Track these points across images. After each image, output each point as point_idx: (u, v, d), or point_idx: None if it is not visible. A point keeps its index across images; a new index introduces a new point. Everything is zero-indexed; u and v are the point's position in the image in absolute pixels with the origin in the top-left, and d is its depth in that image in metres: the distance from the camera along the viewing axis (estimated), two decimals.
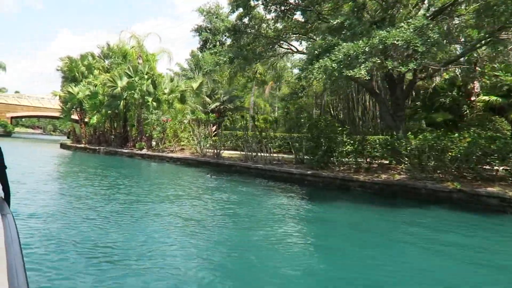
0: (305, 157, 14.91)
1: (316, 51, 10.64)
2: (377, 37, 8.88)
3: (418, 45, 8.58)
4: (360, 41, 9.22)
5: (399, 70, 9.61)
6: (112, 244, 5.38)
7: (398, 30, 9.05)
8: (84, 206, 8.10)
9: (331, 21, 11.26)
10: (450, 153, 10.56)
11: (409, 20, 9.51)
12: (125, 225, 6.61)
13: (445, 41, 11.14)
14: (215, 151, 19.12)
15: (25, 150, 25.62)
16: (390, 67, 9.39)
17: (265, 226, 7.17)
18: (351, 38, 9.98)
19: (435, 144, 10.71)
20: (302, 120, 17.53)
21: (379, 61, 9.16)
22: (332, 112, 35.07)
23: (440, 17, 12.10)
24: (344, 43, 9.54)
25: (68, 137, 73.55)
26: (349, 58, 9.16)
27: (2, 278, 0.68)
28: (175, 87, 23.75)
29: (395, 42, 8.65)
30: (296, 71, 33.38)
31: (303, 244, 6.23)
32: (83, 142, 28.54)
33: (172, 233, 6.25)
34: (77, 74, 28.07)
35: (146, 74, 23.36)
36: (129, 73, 23.38)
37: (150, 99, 22.76)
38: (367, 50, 8.97)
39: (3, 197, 1.35)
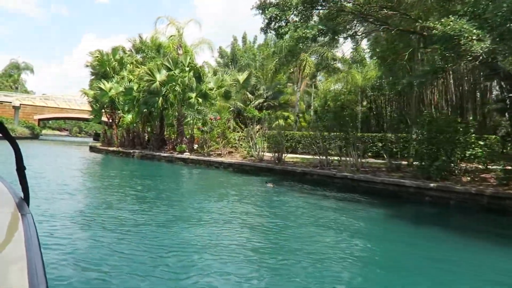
0: (414, 163, 11.32)
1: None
2: None
3: None
4: None
5: None
6: None
7: None
8: (118, 227, 4.96)
9: None
10: None
11: None
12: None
13: None
14: (276, 155, 15.78)
15: (53, 155, 23.10)
16: None
17: None
18: None
19: None
20: (347, 119, 13.91)
21: None
22: (377, 109, 31.34)
23: None
24: None
25: (94, 139, 72.26)
26: None
27: (23, 277, 0.67)
28: (219, 81, 20.55)
29: None
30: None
31: None
32: (115, 144, 25.84)
33: None
34: (108, 69, 25.38)
35: (187, 66, 20.30)
36: (168, 65, 20.39)
37: (193, 94, 19.67)
38: None
39: (22, 197, 1.22)
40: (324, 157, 13.81)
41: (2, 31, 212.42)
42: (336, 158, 13.85)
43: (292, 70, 29.73)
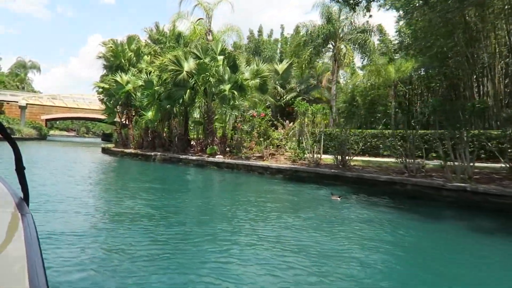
0: None
1: None
2: None
3: None
4: None
5: None
6: None
7: None
8: None
9: None
10: None
11: None
12: None
13: None
14: (338, 157, 12.65)
15: (64, 159, 20.19)
16: None
17: None
18: None
19: None
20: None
21: None
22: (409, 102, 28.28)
23: None
24: None
25: (103, 140, 69.59)
26: None
27: (23, 277, 0.66)
28: (255, 71, 17.44)
29: None
30: None
31: None
32: (132, 146, 22.87)
33: None
34: (123, 61, 22.42)
35: (218, 54, 17.24)
36: (197, 52, 17.33)
37: (226, 86, 16.59)
38: None
39: (22, 197, 1.24)
40: (412, 160, 10.62)
41: (10, 32, 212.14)
42: (422, 161, 10.70)
43: (327, 60, 26.55)
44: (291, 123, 18.77)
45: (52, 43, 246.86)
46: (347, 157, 12.53)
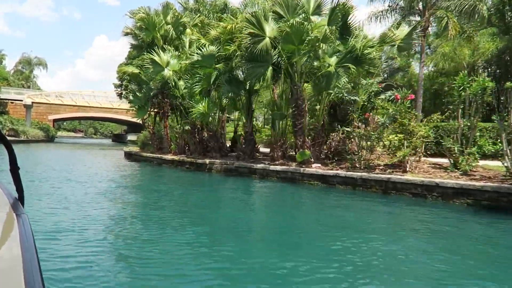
0: None
1: None
2: None
3: None
4: None
5: None
6: None
7: None
8: None
9: None
10: None
11: None
12: None
13: None
14: None
15: (80, 169, 14.47)
16: None
17: None
18: None
19: None
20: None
21: None
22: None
23: None
24: None
25: (113, 140, 64.07)
26: None
27: (19, 278, 0.65)
28: (369, 39, 11.55)
29: None
30: None
31: None
32: (171, 150, 17.07)
33: None
34: (158, 36, 16.62)
35: (312, 13, 11.44)
36: (280, 10, 11.52)
37: (332, 59, 10.78)
38: None
39: (16, 197, 1.22)
40: None
41: (18, 35, 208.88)
42: None
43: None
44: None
45: (58, 45, 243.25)
46: None
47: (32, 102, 48.74)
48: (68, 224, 5.51)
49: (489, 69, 27.38)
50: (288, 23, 10.83)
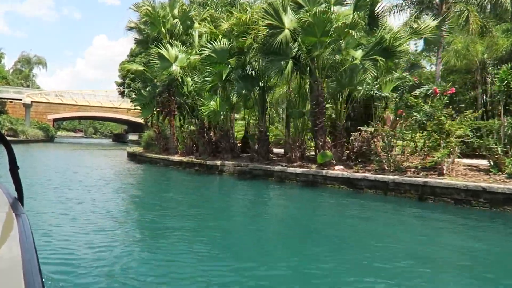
0: None
1: None
2: None
3: None
4: None
5: None
6: None
7: None
8: None
9: None
10: None
11: None
12: None
13: None
14: None
15: (83, 172, 13.57)
16: None
17: None
18: None
19: None
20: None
21: None
22: None
23: None
24: None
25: (114, 140, 63.09)
26: None
27: (18, 277, 0.65)
28: (394, 31, 10.63)
29: None
30: None
31: None
32: (179, 151, 16.16)
33: None
34: (163, 30, 15.70)
35: (334, 3, 10.53)
36: (299, 0, 10.62)
37: (358, 52, 9.88)
38: None
39: (16, 197, 1.22)
40: None
41: (19, 35, 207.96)
42: None
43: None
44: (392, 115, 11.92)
45: (58, 45, 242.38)
46: None
47: (32, 101, 47.84)
48: (75, 235, 4.62)
49: (499, 67, 26.51)
50: (310, 12, 9.92)
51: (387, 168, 9.67)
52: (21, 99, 47.28)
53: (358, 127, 11.27)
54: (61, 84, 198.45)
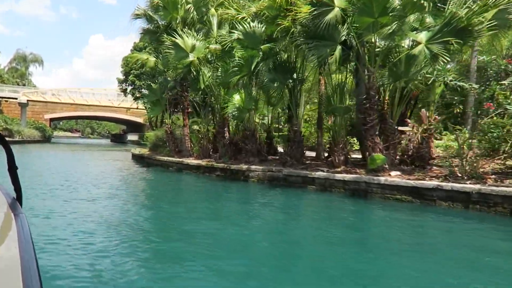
0: None
1: None
2: None
3: None
4: None
5: None
6: None
7: None
8: None
9: None
10: None
11: None
12: None
13: None
14: None
15: (84, 178, 11.75)
16: None
17: None
18: None
19: None
20: None
21: None
22: None
23: None
24: None
25: (113, 141, 61.03)
26: None
27: (17, 277, 0.65)
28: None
29: None
30: None
31: None
32: (193, 154, 14.37)
33: None
34: (177, 16, 13.91)
35: None
36: None
37: (423, 35, 8.15)
38: None
39: (15, 197, 1.22)
40: None
41: (17, 35, 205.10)
42: None
43: None
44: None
45: (56, 44, 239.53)
46: None
47: (28, 100, 45.87)
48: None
49: None
50: None
51: (459, 175, 7.96)
52: (16, 98, 45.31)
53: (396, 126, 9.75)
54: (60, 84, 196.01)
